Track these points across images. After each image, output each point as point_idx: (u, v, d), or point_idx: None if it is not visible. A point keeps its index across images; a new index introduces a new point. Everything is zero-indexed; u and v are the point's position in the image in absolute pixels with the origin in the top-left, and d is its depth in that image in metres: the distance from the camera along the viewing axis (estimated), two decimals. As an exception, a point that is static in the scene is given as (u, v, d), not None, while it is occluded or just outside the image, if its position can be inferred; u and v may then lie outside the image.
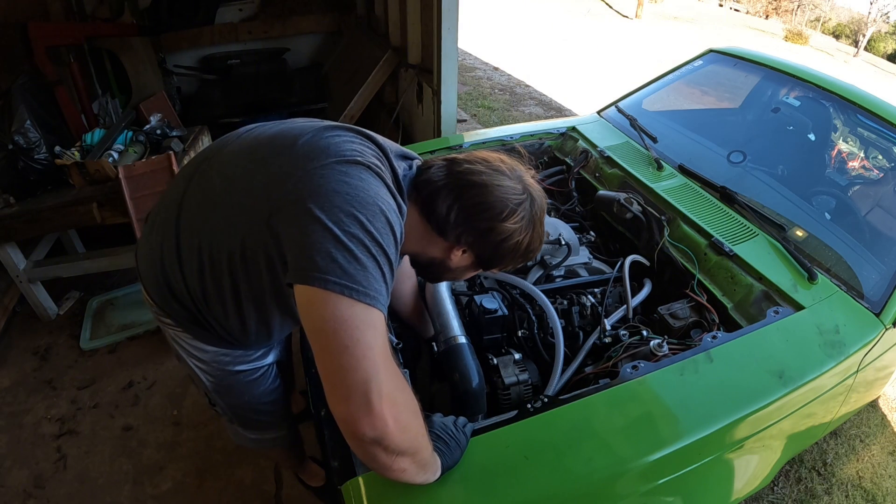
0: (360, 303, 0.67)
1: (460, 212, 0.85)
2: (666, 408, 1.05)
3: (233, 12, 3.80)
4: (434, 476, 0.84)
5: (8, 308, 2.41)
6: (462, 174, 0.86)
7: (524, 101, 5.92)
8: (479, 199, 0.84)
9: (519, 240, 0.88)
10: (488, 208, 0.84)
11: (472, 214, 0.85)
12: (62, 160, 2.13)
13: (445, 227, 0.86)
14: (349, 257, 0.69)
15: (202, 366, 1.09)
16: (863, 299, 1.35)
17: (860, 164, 2.02)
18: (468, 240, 0.88)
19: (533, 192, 0.90)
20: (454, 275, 0.98)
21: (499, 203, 0.85)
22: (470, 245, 0.89)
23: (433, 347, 1.19)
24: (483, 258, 0.92)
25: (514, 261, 0.93)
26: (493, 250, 0.89)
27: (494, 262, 0.93)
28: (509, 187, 0.86)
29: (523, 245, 0.90)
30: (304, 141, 0.82)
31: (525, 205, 0.87)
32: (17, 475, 1.81)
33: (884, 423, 2.22)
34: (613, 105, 2.28)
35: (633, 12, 14.32)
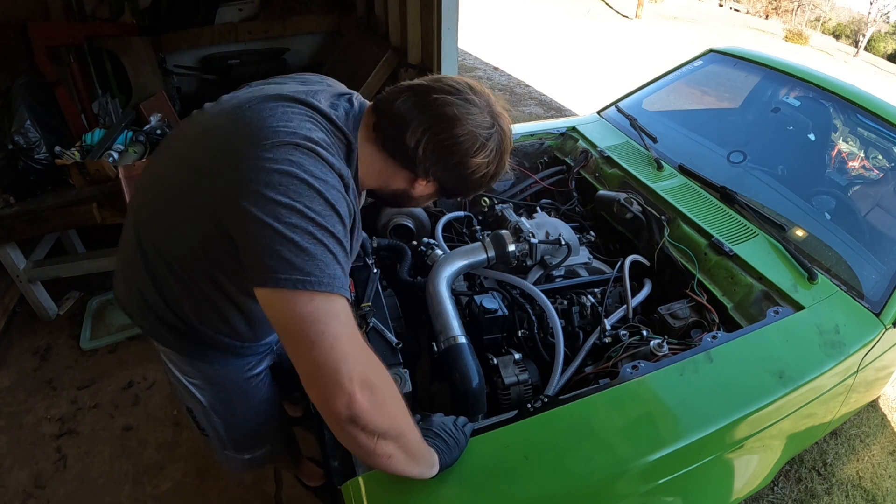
0: (318, 293, 0.66)
1: (429, 146, 0.83)
2: (666, 408, 1.05)
3: (233, 12, 3.80)
4: (430, 471, 0.83)
5: (8, 308, 2.41)
6: (431, 106, 0.83)
7: (524, 101, 5.92)
8: (450, 133, 0.82)
9: (486, 172, 0.88)
10: (459, 143, 0.83)
11: (442, 149, 0.83)
12: (62, 160, 2.13)
13: (413, 160, 0.85)
14: (295, 250, 0.66)
15: (200, 383, 1.07)
16: (863, 299, 1.35)
17: (860, 164, 2.02)
18: (436, 173, 0.87)
19: (501, 122, 0.88)
20: (416, 203, 0.98)
21: (469, 137, 0.83)
22: (437, 178, 0.88)
23: (433, 347, 1.19)
24: (447, 189, 0.92)
25: (478, 191, 0.95)
26: (459, 182, 0.89)
27: (458, 192, 0.94)
28: (479, 120, 0.84)
29: (488, 175, 0.90)
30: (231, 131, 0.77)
31: (494, 137, 0.86)
32: (17, 475, 1.81)
33: (884, 423, 2.22)
34: (613, 105, 2.28)
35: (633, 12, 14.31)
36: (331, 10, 4.01)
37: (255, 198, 0.69)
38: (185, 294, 0.88)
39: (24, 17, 2.39)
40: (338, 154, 0.79)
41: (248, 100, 0.81)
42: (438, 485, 0.88)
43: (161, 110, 2.73)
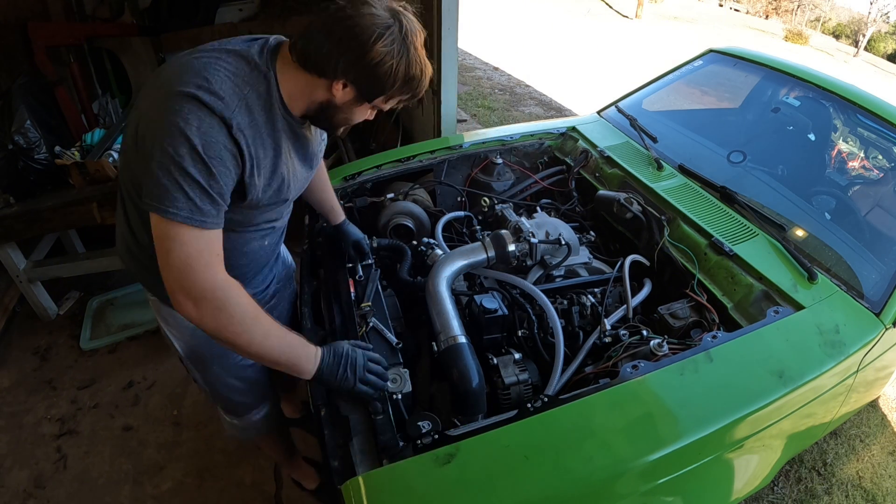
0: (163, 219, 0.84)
1: (330, 45, 0.89)
2: (666, 408, 1.05)
3: (233, 12, 3.80)
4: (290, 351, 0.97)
5: (8, 308, 2.41)
6: (328, 14, 0.91)
7: (524, 101, 5.92)
8: (344, 26, 0.89)
9: (393, 63, 0.91)
10: (356, 35, 0.88)
11: (341, 43, 0.89)
12: (62, 160, 2.13)
13: (319, 62, 0.91)
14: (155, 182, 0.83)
15: (174, 332, 1.16)
16: (863, 299, 1.35)
17: (860, 164, 2.02)
18: (343, 69, 0.91)
19: (402, 17, 0.93)
20: (344, 114, 1.01)
21: (366, 29, 0.88)
22: (346, 74, 0.92)
23: (433, 347, 1.19)
24: (363, 88, 0.95)
25: (397, 90, 0.96)
26: (369, 77, 0.92)
27: (375, 90, 0.95)
28: (375, 14, 0.90)
29: (400, 70, 0.92)
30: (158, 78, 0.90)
31: (393, 28, 0.90)
32: (17, 475, 1.81)
33: (884, 423, 2.22)
34: (613, 105, 2.28)
35: (633, 12, 14.32)
36: (331, 10, 4.01)
37: (147, 139, 0.85)
38: (142, 223, 0.99)
39: (24, 17, 2.39)
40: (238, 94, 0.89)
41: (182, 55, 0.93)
42: (439, 485, 0.88)
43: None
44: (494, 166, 1.93)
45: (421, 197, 1.81)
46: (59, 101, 2.43)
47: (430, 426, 1.00)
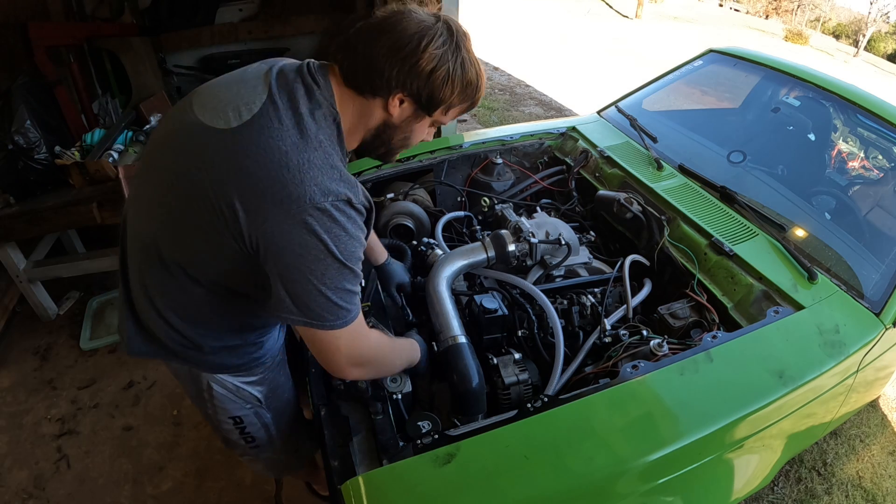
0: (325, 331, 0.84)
1: (380, 56, 0.84)
2: (666, 407, 1.05)
3: (233, 12, 3.80)
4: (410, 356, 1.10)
5: (8, 308, 2.41)
6: (368, 25, 0.86)
7: (524, 101, 5.92)
8: (393, 37, 0.84)
9: (448, 67, 0.86)
10: (405, 42, 0.83)
11: (388, 54, 0.83)
12: (62, 160, 2.13)
13: (373, 77, 0.85)
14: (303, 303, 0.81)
15: (257, 378, 1.11)
16: (863, 299, 1.35)
17: (860, 164, 2.02)
18: (400, 80, 0.85)
19: (446, 19, 0.88)
20: (403, 133, 0.95)
21: (413, 34, 0.83)
22: (403, 86, 0.86)
23: (433, 347, 1.19)
24: (421, 98, 0.88)
25: (456, 96, 0.90)
26: (426, 85, 0.86)
27: (434, 100, 0.89)
28: (418, 18, 0.85)
29: (457, 75, 0.87)
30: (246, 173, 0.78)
31: (440, 29, 0.86)
32: (17, 475, 1.81)
33: (884, 423, 2.22)
34: (613, 105, 2.28)
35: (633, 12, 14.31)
36: (331, 10, 4.01)
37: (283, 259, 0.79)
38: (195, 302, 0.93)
39: (24, 17, 2.39)
40: (341, 163, 0.84)
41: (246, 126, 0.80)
42: (439, 485, 0.88)
43: (161, 110, 2.73)
44: (494, 166, 1.94)
45: (421, 197, 1.81)
46: (59, 101, 2.43)
47: (430, 426, 1.00)
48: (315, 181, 0.77)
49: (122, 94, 3.15)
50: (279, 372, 1.19)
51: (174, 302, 0.93)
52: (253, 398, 1.13)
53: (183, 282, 0.90)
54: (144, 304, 0.94)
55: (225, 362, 1.03)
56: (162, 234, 0.87)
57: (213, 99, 0.85)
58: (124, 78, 3.11)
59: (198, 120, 0.83)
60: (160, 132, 0.92)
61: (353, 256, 0.82)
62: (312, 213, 0.76)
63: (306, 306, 0.81)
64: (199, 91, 0.89)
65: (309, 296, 0.80)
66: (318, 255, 0.78)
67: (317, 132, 0.82)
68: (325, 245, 0.78)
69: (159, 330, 0.95)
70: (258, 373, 1.11)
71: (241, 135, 0.79)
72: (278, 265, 0.79)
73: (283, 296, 0.81)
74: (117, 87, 3.17)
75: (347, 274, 0.82)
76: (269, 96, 0.82)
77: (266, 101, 0.82)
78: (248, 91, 0.84)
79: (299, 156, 0.78)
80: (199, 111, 0.84)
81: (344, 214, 0.79)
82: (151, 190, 0.89)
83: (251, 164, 0.77)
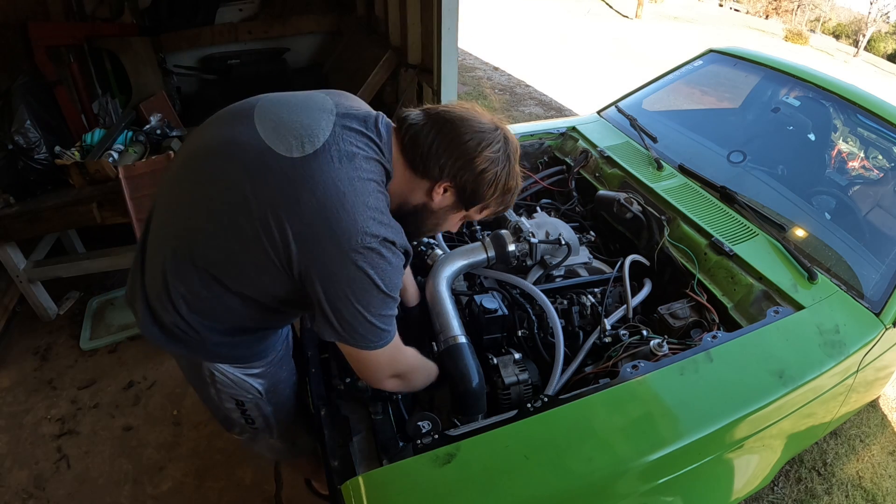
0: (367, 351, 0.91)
1: (440, 145, 0.91)
2: (666, 407, 1.05)
3: (233, 12, 3.80)
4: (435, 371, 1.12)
5: (8, 308, 2.41)
6: (439, 113, 0.94)
7: (524, 101, 5.92)
8: (457, 132, 0.92)
9: (497, 171, 0.94)
10: (467, 139, 0.91)
11: (451, 145, 0.91)
12: (62, 160, 2.13)
13: (427, 162, 0.92)
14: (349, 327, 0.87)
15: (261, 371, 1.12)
16: (863, 299, 1.35)
17: (860, 164, 2.02)
18: (450, 172, 0.92)
19: (504, 130, 0.97)
20: (437, 219, 1.02)
21: (475, 135, 0.92)
22: (452, 178, 0.93)
23: (433, 347, 1.19)
24: (464, 194, 0.96)
25: (494, 199, 0.99)
26: (473, 183, 0.94)
27: (475, 197, 0.97)
28: (483, 123, 0.94)
29: (501, 180, 0.96)
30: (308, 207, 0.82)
31: (499, 137, 0.94)
32: (17, 475, 1.81)
33: (884, 423, 2.22)
34: (613, 105, 2.28)
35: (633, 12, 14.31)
36: (331, 10, 4.01)
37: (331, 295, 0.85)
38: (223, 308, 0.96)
39: (24, 17, 2.39)
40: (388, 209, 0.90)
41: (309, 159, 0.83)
42: (439, 485, 0.88)
43: (161, 110, 2.73)
44: (494, 166, 1.93)
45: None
46: (59, 101, 2.43)
47: (430, 426, 1.00)
48: (367, 223, 0.82)
49: (122, 94, 3.15)
50: (281, 367, 1.19)
51: (191, 294, 0.94)
52: (254, 389, 1.14)
53: (209, 284, 0.91)
54: (159, 287, 0.95)
55: (226, 353, 1.05)
56: (200, 238, 0.89)
57: (276, 120, 0.88)
58: (124, 78, 3.11)
59: (259, 138, 0.86)
60: (212, 135, 0.92)
61: (395, 287, 0.89)
62: (362, 252, 0.82)
63: (353, 330, 0.87)
64: (262, 106, 0.91)
65: (355, 321, 0.86)
66: (365, 286, 0.84)
67: (372, 179, 0.87)
68: (372, 279, 0.84)
69: (166, 315, 0.96)
70: (259, 366, 1.11)
71: (302, 167, 0.83)
72: (326, 294, 0.84)
73: (330, 321, 0.86)
74: (117, 87, 3.17)
75: (390, 302, 0.88)
76: (334, 134, 0.86)
77: (330, 138, 0.85)
78: (312, 122, 0.87)
79: (356, 198, 0.83)
80: (261, 128, 0.87)
81: (390, 251, 0.86)
82: (197, 190, 0.90)
83: (309, 197, 0.81)
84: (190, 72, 3.79)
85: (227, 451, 1.88)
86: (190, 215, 0.90)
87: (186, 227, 0.91)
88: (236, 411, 1.17)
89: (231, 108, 0.96)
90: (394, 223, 0.89)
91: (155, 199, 1.01)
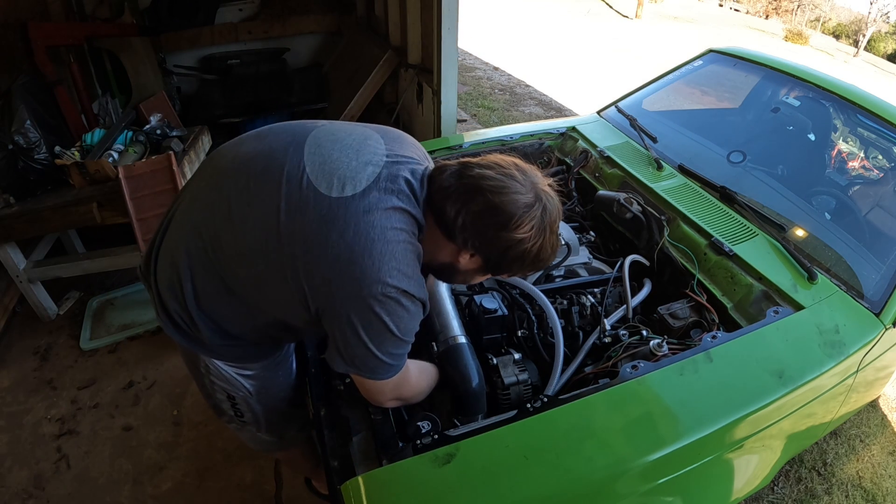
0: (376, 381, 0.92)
1: (467, 217, 0.87)
2: (666, 408, 1.05)
3: (233, 12, 3.81)
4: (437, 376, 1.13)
5: (8, 308, 2.41)
6: (472, 179, 0.87)
7: (524, 101, 5.92)
8: (487, 206, 0.86)
9: (527, 248, 0.89)
10: (496, 216, 0.86)
11: (478, 220, 0.87)
12: (62, 160, 2.13)
13: (453, 230, 0.89)
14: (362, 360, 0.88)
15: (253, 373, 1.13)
16: (863, 299, 1.35)
17: (860, 164, 2.02)
18: (475, 244, 0.89)
19: (547, 200, 0.90)
20: (464, 277, 1.01)
21: (507, 211, 0.86)
22: (477, 249, 0.90)
23: (433, 347, 1.19)
24: (490, 263, 0.94)
25: (523, 268, 0.95)
26: (499, 257, 0.91)
27: (502, 268, 0.95)
28: (520, 195, 0.87)
29: (532, 253, 0.90)
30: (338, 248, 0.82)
31: (535, 213, 0.87)
32: (17, 475, 1.81)
33: (884, 423, 2.22)
34: (613, 105, 2.28)
35: (633, 12, 14.31)
36: (331, 10, 4.02)
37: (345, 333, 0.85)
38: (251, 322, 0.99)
39: (24, 17, 2.39)
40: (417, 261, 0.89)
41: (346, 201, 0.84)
42: (439, 485, 0.88)
43: (161, 110, 2.73)
44: (494, 166, 1.93)
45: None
46: (59, 101, 2.43)
47: (430, 426, 1.00)
48: (390, 273, 0.82)
49: (122, 94, 3.15)
50: (277, 371, 1.19)
51: (203, 294, 0.95)
52: (244, 388, 1.14)
53: (224, 292, 0.93)
54: (171, 277, 0.96)
55: (222, 352, 1.05)
56: (227, 250, 0.90)
57: (326, 156, 0.88)
58: (124, 78, 3.12)
59: (305, 171, 0.86)
60: (267, 149, 0.92)
61: (410, 332, 0.90)
62: (381, 299, 0.82)
63: (363, 364, 0.88)
64: (317, 136, 0.91)
65: (366, 357, 0.87)
66: (380, 330, 0.85)
67: (404, 230, 0.86)
68: (387, 325, 0.84)
69: (171, 303, 0.97)
70: (254, 368, 1.12)
71: (337, 208, 0.83)
72: (342, 332, 0.86)
73: (342, 354, 0.88)
74: (117, 87, 3.17)
75: (402, 344, 0.89)
76: (377, 180, 0.86)
77: (372, 184, 0.85)
78: (359, 166, 0.87)
79: (384, 247, 0.82)
80: (308, 161, 0.87)
81: (409, 301, 0.86)
82: (235, 200, 0.89)
83: (338, 239, 0.82)
84: (190, 72, 3.79)
85: (227, 451, 1.88)
86: (222, 226, 0.90)
87: (216, 234, 0.90)
88: (226, 403, 1.19)
89: (289, 126, 0.96)
90: (417, 276, 0.87)
91: (187, 189, 1.01)
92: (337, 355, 0.89)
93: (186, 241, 0.93)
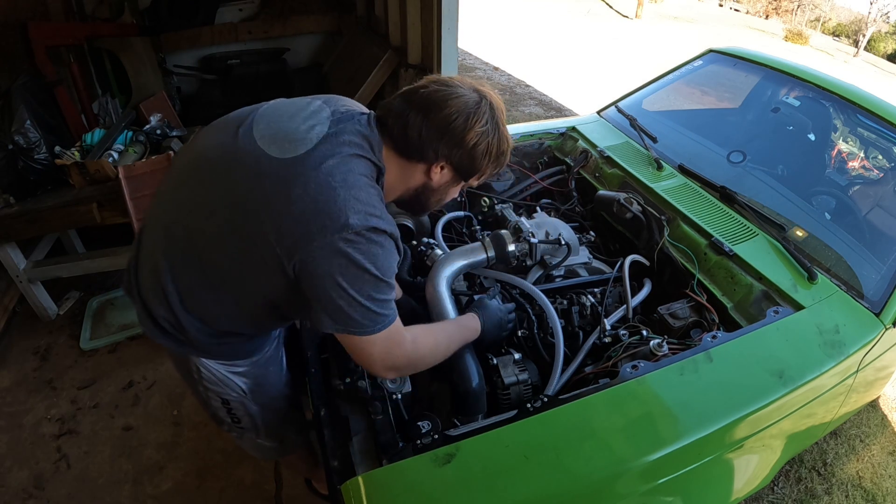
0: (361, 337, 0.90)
1: (430, 129, 0.93)
2: (666, 408, 1.05)
3: (233, 12, 3.80)
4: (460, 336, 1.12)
5: (8, 308, 2.41)
6: (421, 97, 0.95)
7: (524, 101, 5.92)
8: (444, 114, 0.93)
9: (489, 142, 0.97)
10: (455, 118, 0.93)
11: (441, 128, 0.94)
12: (62, 160, 2.13)
13: (421, 148, 0.95)
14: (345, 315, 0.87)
15: (244, 370, 1.13)
16: (863, 299, 1.35)
17: (860, 164, 2.02)
18: (444, 152, 0.95)
19: (489, 97, 0.98)
20: (439, 195, 1.05)
21: (463, 112, 0.94)
22: (447, 157, 0.96)
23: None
24: (462, 168, 1.00)
25: (490, 165, 1.02)
26: (468, 157, 0.97)
27: (472, 169, 1.01)
28: (466, 97, 0.95)
29: (493, 147, 0.99)
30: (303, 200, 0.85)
31: (485, 108, 0.96)
32: (17, 475, 1.81)
33: (884, 423, 2.22)
34: (613, 105, 2.28)
35: (633, 12, 14.30)
36: (331, 10, 4.01)
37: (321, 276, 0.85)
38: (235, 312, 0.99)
39: (24, 17, 2.39)
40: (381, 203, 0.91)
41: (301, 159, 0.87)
42: (439, 485, 0.88)
43: (161, 110, 2.73)
44: (494, 166, 1.93)
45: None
46: (59, 101, 2.43)
47: (430, 426, 1.00)
48: (357, 215, 0.85)
49: (122, 94, 3.15)
50: (268, 367, 1.19)
51: (186, 292, 0.96)
52: (238, 388, 1.15)
53: (206, 284, 0.94)
54: (153, 282, 0.98)
55: (211, 350, 1.06)
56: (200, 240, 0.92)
57: (274, 128, 0.92)
58: (124, 78, 3.11)
59: (256, 145, 0.90)
60: (214, 141, 0.96)
61: (389, 271, 0.90)
62: (352, 239, 0.84)
63: (348, 317, 0.87)
64: (262, 114, 0.96)
65: (350, 308, 0.86)
66: (358, 273, 0.85)
67: (363, 174, 0.90)
68: (362, 265, 0.85)
69: (157, 309, 0.98)
70: (244, 364, 1.13)
71: (294, 166, 0.87)
72: (321, 285, 0.86)
73: (327, 310, 0.87)
74: (117, 87, 3.17)
75: (384, 286, 0.89)
76: (327, 136, 0.90)
77: (322, 140, 0.90)
78: (307, 127, 0.91)
79: (346, 192, 0.86)
80: (258, 136, 0.91)
81: (381, 237, 0.87)
82: (198, 193, 0.94)
83: (301, 193, 0.84)
84: (190, 72, 3.79)
85: (227, 451, 1.88)
86: (191, 218, 0.93)
87: (187, 228, 0.93)
88: (222, 409, 1.19)
89: (232, 115, 0.99)
90: (384, 213, 0.90)
91: (154, 198, 1.03)
92: (322, 313, 0.88)
93: (163, 246, 0.96)
